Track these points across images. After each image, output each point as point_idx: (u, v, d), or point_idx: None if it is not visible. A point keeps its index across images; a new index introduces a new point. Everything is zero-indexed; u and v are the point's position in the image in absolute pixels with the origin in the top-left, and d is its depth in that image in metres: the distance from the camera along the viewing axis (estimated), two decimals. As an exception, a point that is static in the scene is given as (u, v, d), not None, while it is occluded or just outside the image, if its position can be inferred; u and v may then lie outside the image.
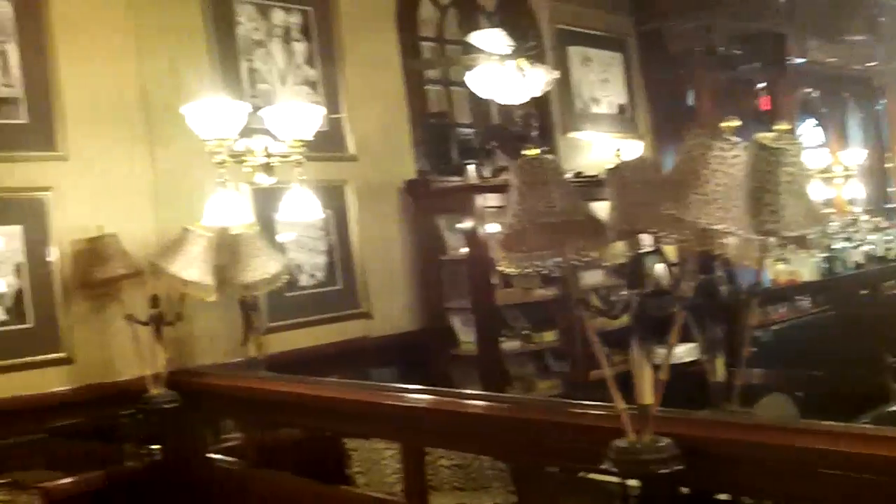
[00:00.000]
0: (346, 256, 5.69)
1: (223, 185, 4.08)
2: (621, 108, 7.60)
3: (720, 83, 7.72)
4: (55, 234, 4.62)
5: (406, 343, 5.84)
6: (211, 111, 3.98)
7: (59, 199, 4.63)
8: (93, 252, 4.58)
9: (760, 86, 8.65)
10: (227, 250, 4.67)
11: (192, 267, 4.39)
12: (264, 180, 4.33)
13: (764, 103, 8.75)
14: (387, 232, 5.93)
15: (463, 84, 6.23)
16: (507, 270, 2.61)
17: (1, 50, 4.51)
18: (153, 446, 4.71)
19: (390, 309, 5.84)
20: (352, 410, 3.83)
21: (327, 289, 5.60)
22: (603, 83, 7.44)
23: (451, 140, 6.37)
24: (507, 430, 3.21)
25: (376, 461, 4.70)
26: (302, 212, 4.39)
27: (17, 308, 4.50)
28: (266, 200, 5.04)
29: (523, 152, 2.56)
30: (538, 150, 2.57)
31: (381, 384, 3.95)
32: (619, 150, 2.84)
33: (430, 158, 6.15)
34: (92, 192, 4.73)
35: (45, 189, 4.61)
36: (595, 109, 7.34)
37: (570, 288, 2.82)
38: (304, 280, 5.46)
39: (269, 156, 4.27)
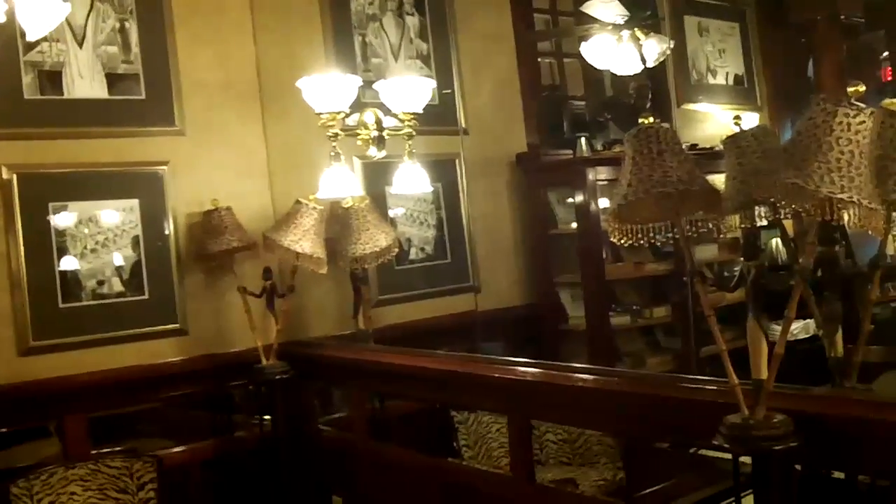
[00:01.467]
0: (455, 230, 5.68)
1: (336, 159, 4.09)
2: (738, 80, 7.40)
3: (842, 52, 7.43)
4: (171, 208, 4.70)
5: (514, 318, 5.81)
6: (324, 85, 3.98)
7: (176, 172, 4.71)
8: (207, 225, 4.66)
9: (884, 55, 8.29)
10: (338, 223, 4.71)
11: (305, 240, 4.43)
12: (375, 154, 4.33)
13: (885, 74, 8.39)
14: (496, 206, 5.90)
15: (575, 56, 6.16)
16: (620, 242, 2.55)
17: (121, 27, 4.60)
18: (264, 417, 4.78)
19: (499, 283, 5.82)
20: (461, 382, 3.83)
21: (436, 262, 5.60)
22: (720, 54, 7.25)
23: (563, 113, 6.29)
24: (616, 404, 3.15)
25: (483, 435, 4.71)
26: (412, 185, 4.37)
27: (133, 280, 4.59)
28: (375, 174, 5.08)
29: (639, 122, 2.50)
30: (653, 120, 2.50)
31: (490, 357, 3.93)
32: (738, 117, 2.76)
33: (542, 132, 6.09)
34: (207, 166, 4.81)
35: (162, 163, 4.69)
36: (711, 81, 7.17)
37: (685, 260, 2.72)
38: (413, 254, 5.47)
39: (381, 129, 4.27)
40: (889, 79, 8.26)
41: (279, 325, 4.64)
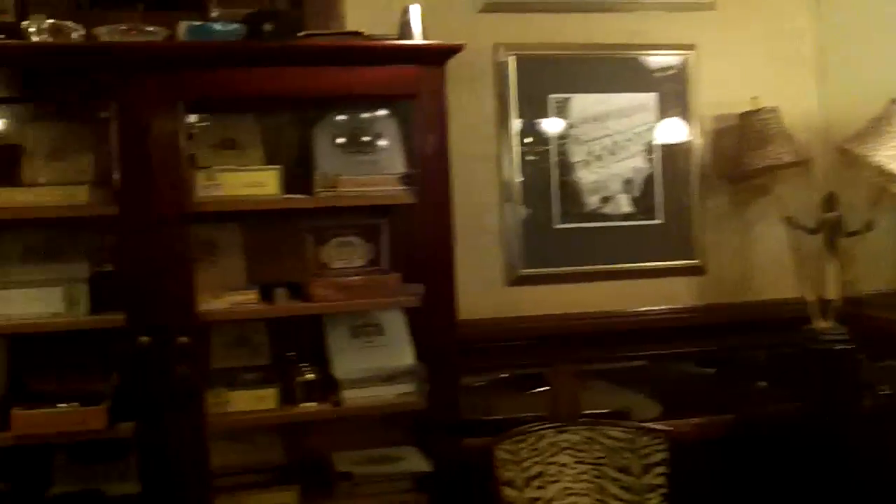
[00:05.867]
0: None
1: None
2: None
3: None
4: (695, 106, 3.67)
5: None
6: None
7: (703, 60, 3.67)
8: (745, 131, 3.54)
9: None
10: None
11: (906, 157, 3.14)
12: None
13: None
14: None
15: None
16: None
17: None
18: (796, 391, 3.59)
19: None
20: None
21: None
22: None
23: None
24: None
25: None
26: None
27: (644, 199, 3.63)
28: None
29: None
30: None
31: None
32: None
33: None
34: (743, 53, 3.74)
35: (687, 47, 3.65)
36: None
37: None
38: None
39: None
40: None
41: (845, 276, 3.41)
